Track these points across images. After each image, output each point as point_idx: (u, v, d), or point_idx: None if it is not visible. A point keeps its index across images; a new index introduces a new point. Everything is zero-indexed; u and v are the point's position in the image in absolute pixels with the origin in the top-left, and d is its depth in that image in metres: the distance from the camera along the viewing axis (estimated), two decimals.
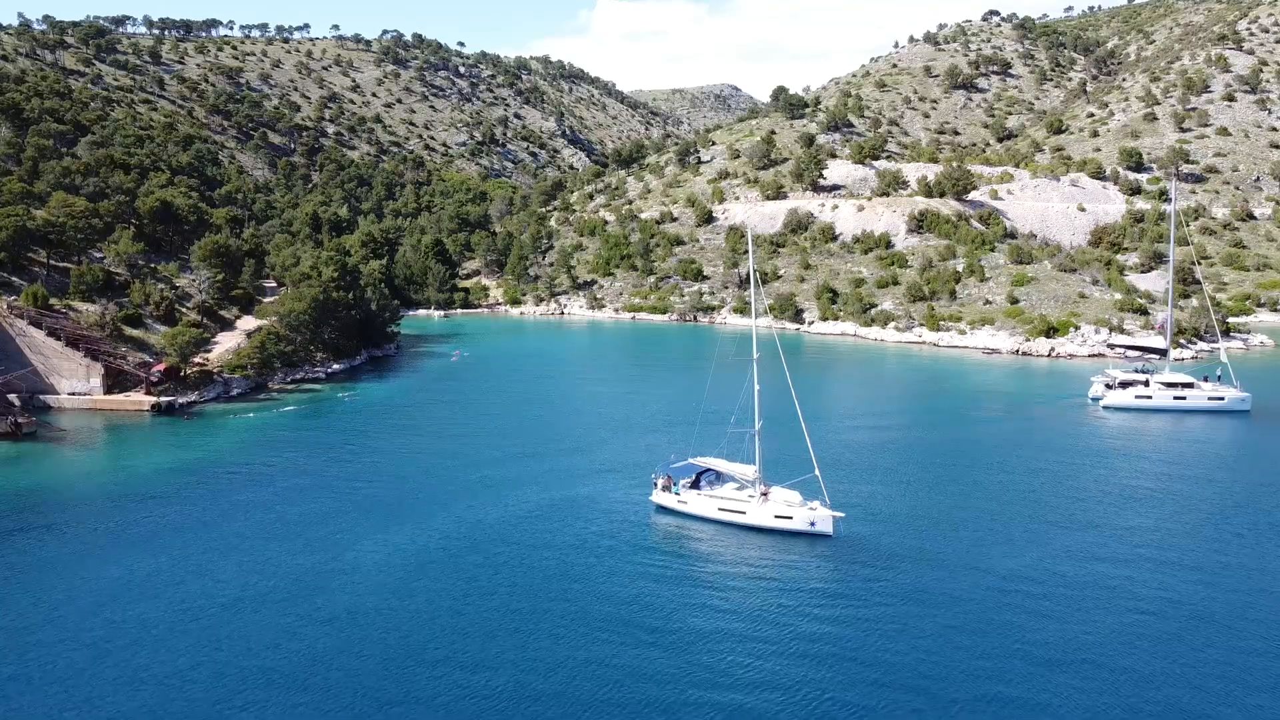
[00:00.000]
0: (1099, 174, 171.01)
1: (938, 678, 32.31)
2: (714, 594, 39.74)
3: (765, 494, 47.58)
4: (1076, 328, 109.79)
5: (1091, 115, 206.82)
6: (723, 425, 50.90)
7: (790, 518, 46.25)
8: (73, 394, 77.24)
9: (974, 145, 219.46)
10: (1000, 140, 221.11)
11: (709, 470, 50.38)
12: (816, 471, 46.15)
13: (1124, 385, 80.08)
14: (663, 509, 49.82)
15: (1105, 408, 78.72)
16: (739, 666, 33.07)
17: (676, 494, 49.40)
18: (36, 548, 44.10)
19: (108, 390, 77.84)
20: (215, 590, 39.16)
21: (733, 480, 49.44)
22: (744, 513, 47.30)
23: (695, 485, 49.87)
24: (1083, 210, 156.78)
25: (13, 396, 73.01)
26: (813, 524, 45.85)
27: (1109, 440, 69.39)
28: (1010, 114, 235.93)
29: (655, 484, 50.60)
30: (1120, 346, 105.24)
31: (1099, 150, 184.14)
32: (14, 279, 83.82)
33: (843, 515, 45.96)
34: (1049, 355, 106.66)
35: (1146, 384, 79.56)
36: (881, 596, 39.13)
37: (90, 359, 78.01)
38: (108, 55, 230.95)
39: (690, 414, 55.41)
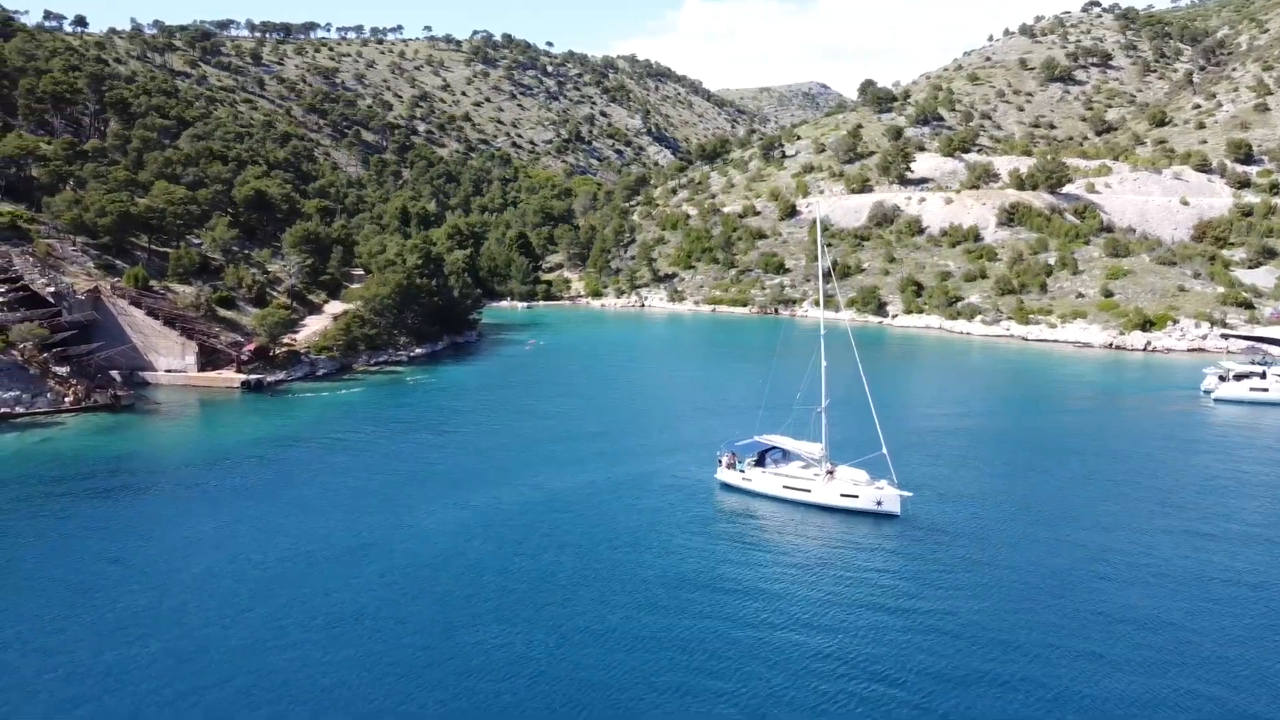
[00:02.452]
0: (1204, 166, 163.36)
1: (1001, 660, 31.29)
2: (768, 570, 39.04)
3: (831, 472, 46.78)
4: (1175, 321, 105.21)
5: (1198, 106, 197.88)
6: (789, 406, 50.25)
7: (856, 496, 45.36)
8: (169, 370, 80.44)
9: (1070, 139, 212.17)
10: (1099, 134, 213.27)
11: (774, 448, 49.76)
12: (884, 450, 45.16)
13: (1239, 378, 76.59)
14: (727, 486, 49.39)
15: (1216, 400, 75.38)
16: (791, 642, 32.54)
17: (741, 471, 48.95)
18: (121, 506, 46.08)
19: (201, 368, 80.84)
20: (278, 545, 40.36)
21: (798, 458, 48.72)
22: (809, 490, 46.55)
23: (760, 463, 49.35)
24: (1186, 204, 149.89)
25: (114, 372, 76.59)
26: (879, 503, 44.89)
27: (1216, 431, 66.54)
28: (1110, 106, 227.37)
29: (720, 461, 50.24)
30: (1235, 337, 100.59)
31: (1204, 142, 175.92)
32: (117, 261, 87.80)
33: (910, 495, 44.88)
34: (1144, 349, 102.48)
35: (1263, 376, 75.94)
36: (947, 577, 38.01)
37: (185, 338, 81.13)
38: (212, 57, 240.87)
39: (761, 399, 54.91)
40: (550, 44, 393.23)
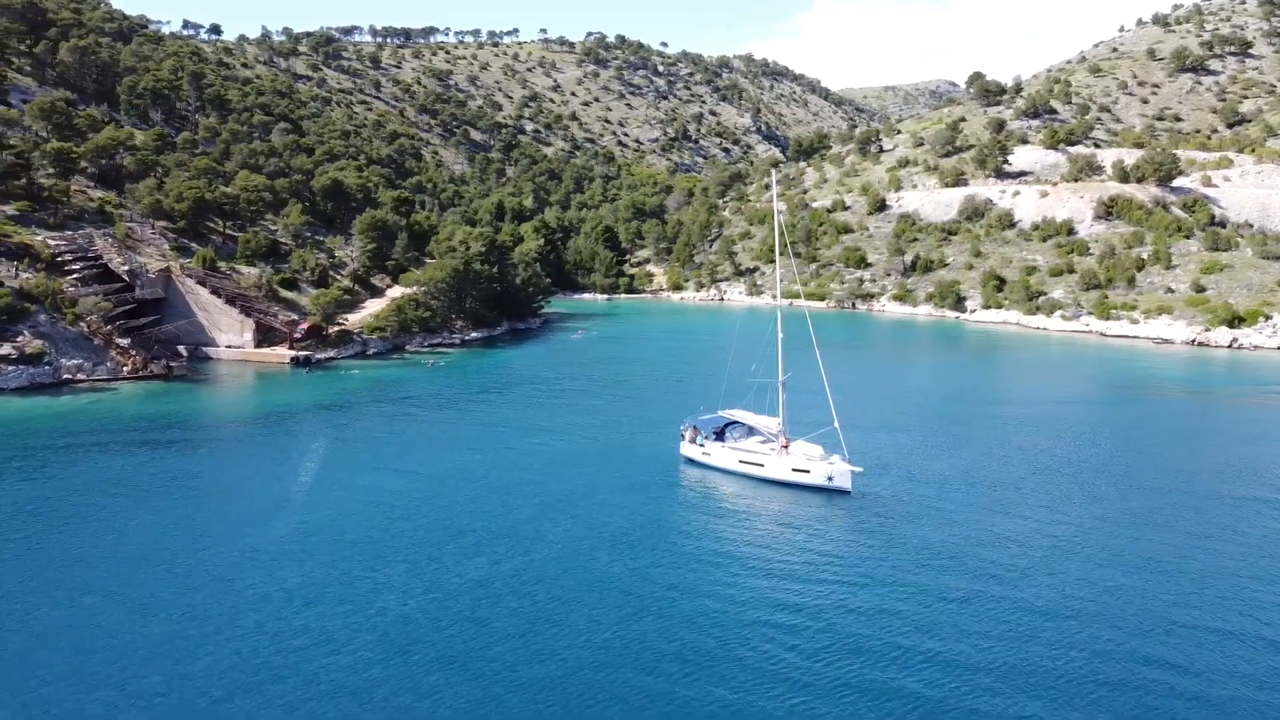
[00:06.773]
0: None
1: (903, 634, 30.26)
2: (704, 545, 38.45)
3: (786, 447, 45.86)
4: (1267, 318, 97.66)
5: None
6: (753, 382, 49.64)
7: (808, 471, 44.37)
8: (229, 346, 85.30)
9: (1198, 132, 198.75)
10: (1230, 126, 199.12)
11: (736, 422, 49.16)
12: (836, 424, 44.02)
13: None
14: (689, 460, 49.09)
15: None
16: (714, 617, 32.28)
17: (701, 445, 48.56)
18: (141, 453, 49.30)
19: (258, 344, 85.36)
20: (278, 493, 43.20)
21: (759, 433, 47.99)
22: (762, 465, 45.82)
23: (720, 437, 48.84)
24: None
25: (181, 346, 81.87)
26: (830, 478, 43.76)
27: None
28: (1246, 97, 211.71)
29: (683, 435, 49.95)
30: None
31: None
32: (192, 244, 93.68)
33: (861, 470, 43.58)
34: (1229, 346, 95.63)
35: None
36: (875, 558, 36.70)
37: (244, 315, 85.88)
38: (333, 61, 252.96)
39: (724, 375, 54.26)
40: (665, 44, 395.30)
